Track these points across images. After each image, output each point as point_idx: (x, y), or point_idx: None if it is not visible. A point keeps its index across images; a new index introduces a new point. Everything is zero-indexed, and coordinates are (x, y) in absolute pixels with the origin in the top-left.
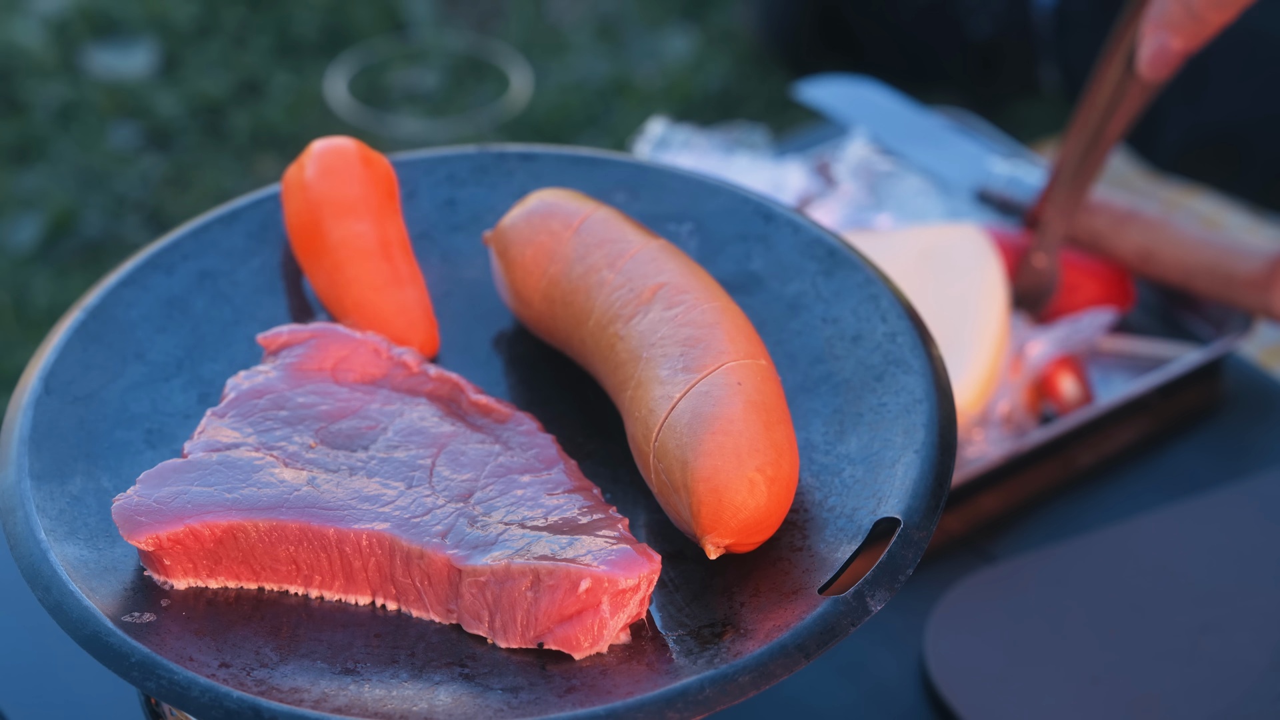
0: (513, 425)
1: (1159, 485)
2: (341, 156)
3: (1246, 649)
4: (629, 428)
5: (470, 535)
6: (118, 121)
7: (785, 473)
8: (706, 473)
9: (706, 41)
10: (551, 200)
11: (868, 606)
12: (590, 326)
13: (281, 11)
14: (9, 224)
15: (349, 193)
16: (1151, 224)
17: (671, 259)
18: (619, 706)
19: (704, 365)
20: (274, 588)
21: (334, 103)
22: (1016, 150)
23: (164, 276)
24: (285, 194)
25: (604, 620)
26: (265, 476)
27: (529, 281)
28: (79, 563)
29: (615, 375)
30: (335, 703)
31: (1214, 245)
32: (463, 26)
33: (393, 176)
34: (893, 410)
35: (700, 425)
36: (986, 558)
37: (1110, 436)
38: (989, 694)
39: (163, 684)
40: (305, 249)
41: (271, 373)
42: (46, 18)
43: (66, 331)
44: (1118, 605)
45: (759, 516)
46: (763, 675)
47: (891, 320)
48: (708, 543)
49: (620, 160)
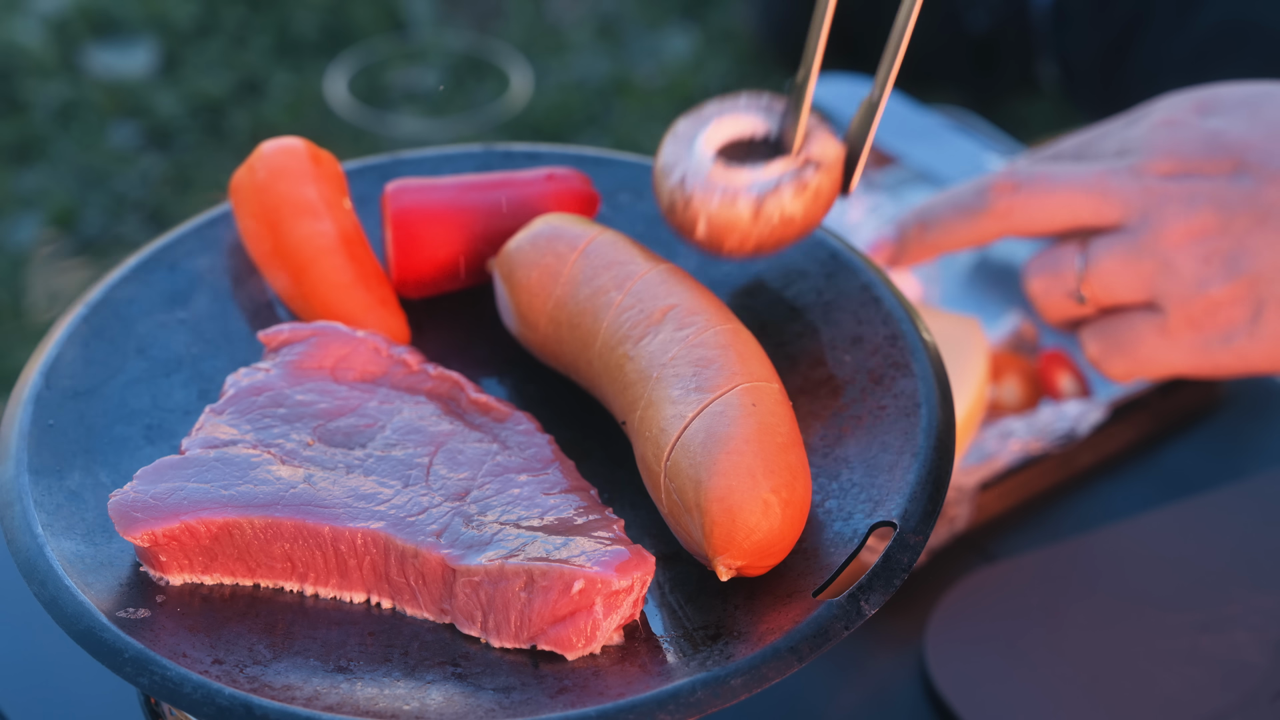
0: (511, 424)
1: (1158, 485)
2: (293, 156)
3: (1246, 648)
4: (638, 448)
5: (465, 535)
6: (118, 121)
7: (799, 495)
8: (720, 492)
9: (706, 41)
10: (557, 224)
11: (862, 610)
12: (598, 348)
13: (281, 11)
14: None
15: (305, 192)
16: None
17: (681, 282)
18: (611, 708)
19: (717, 385)
20: (269, 585)
21: (334, 102)
22: (1015, 148)
23: (167, 273)
24: (236, 197)
25: (597, 621)
26: (262, 474)
27: (535, 304)
28: (75, 558)
29: (624, 396)
30: (327, 700)
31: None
32: (463, 26)
33: (341, 174)
34: (891, 414)
35: (714, 445)
36: (987, 557)
37: (1109, 435)
38: (989, 694)
39: (155, 680)
40: (265, 251)
41: (271, 370)
42: (46, 17)
43: (68, 327)
44: (1118, 605)
45: (772, 539)
46: (755, 678)
47: (892, 323)
48: (719, 564)
49: (624, 160)
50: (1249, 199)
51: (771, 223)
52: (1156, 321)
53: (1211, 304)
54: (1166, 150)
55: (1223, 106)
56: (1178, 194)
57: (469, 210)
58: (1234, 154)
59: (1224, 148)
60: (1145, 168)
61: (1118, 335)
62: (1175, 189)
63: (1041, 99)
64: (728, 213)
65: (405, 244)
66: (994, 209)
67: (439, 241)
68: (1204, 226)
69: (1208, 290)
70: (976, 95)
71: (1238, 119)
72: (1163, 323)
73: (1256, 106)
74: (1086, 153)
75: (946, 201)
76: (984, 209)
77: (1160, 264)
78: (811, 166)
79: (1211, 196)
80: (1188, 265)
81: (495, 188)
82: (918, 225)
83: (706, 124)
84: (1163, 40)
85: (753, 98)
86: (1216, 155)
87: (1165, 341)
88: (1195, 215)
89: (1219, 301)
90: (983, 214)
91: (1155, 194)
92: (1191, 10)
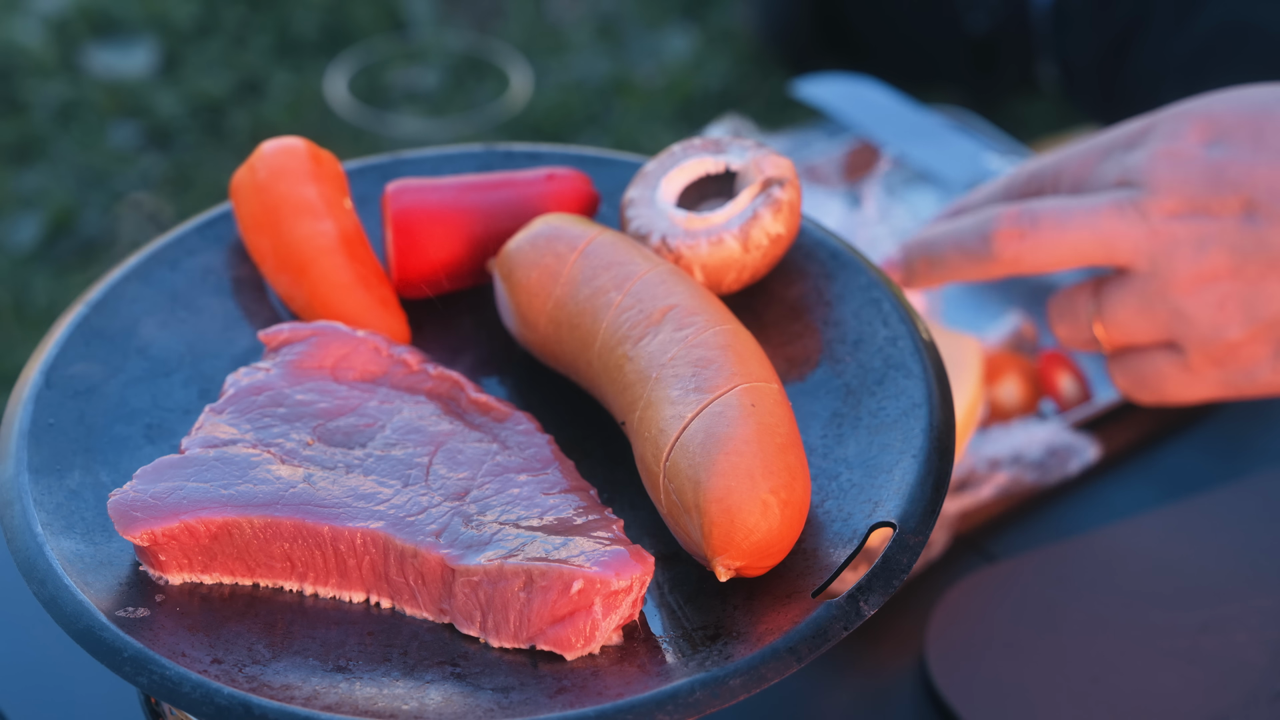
0: (511, 424)
1: (1158, 484)
2: (293, 156)
3: (1246, 649)
4: (637, 449)
5: (464, 535)
6: (118, 121)
7: (798, 496)
8: (719, 493)
9: (706, 41)
10: (556, 224)
11: (861, 610)
12: (597, 348)
13: (281, 11)
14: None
15: (305, 192)
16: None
17: (681, 282)
18: (609, 708)
19: (717, 386)
20: (268, 584)
21: (334, 102)
22: (1015, 148)
23: (167, 271)
24: (237, 197)
25: (596, 621)
26: (261, 473)
27: (534, 304)
28: (75, 557)
29: (623, 396)
30: (325, 700)
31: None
32: (463, 26)
33: (342, 174)
34: (891, 414)
35: (714, 445)
36: (987, 557)
37: (1108, 435)
38: (989, 694)
39: (154, 679)
40: (265, 251)
41: (271, 370)
42: (46, 17)
43: (69, 326)
44: (1117, 605)
45: (771, 539)
46: (754, 678)
47: (893, 324)
48: (718, 565)
49: (624, 160)
50: (1260, 243)
51: (762, 246)
52: (1179, 361)
53: (1231, 346)
54: (1171, 188)
55: (1226, 131)
56: (1186, 237)
57: (469, 210)
58: (1241, 191)
59: (1230, 184)
60: (1151, 207)
61: (1142, 372)
62: (1183, 231)
63: (1041, 99)
64: (719, 253)
65: (405, 244)
66: (1000, 258)
67: (439, 241)
68: (1215, 271)
69: (1225, 335)
70: (976, 95)
71: (1241, 148)
72: (1185, 362)
73: (1260, 130)
74: (1087, 179)
75: (952, 243)
76: (989, 257)
77: (1173, 312)
78: (776, 184)
79: (1221, 239)
80: (1202, 312)
81: (495, 188)
82: (923, 260)
83: (657, 182)
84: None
85: (685, 144)
86: (1223, 193)
87: (1190, 377)
88: (1205, 260)
89: (1238, 343)
90: (989, 261)
91: (1163, 237)
92: (1191, 12)
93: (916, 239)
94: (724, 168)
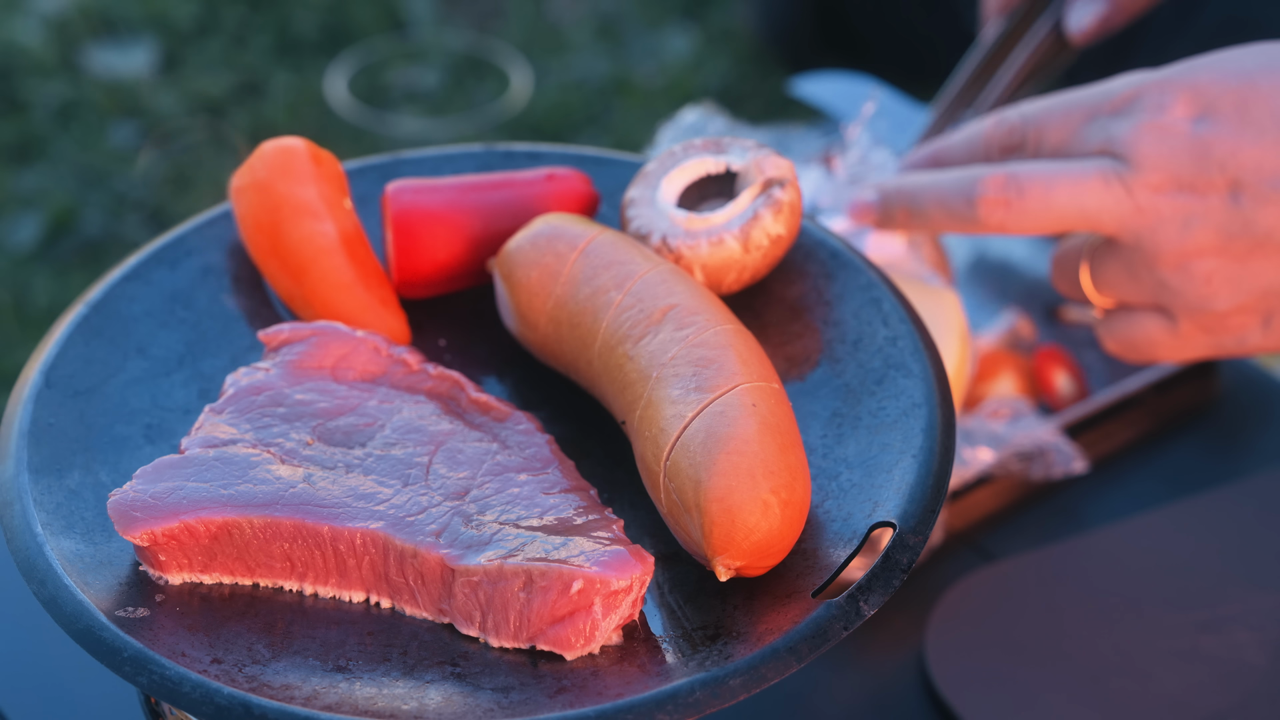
0: (511, 424)
1: (1157, 483)
2: (293, 156)
3: (1246, 649)
4: (637, 448)
5: (464, 535)
6: (118, 121)
7: (799, 496)
8: (720, 492)
9: (706, 40)
10: (557, 224)
11: (861, 610)
12: (598, 348)
13: (281, 11)
14: (9, 223)
15: (305, 192)
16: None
17: (681, 282)
18: (609, 708)
19: (717, 385)
20: (268, 584)
21: (334, 102)
22: None
23: (167, 271)
24: (237, 198)
25: (596, 621)
26: (261, 473)
27: (534, 304)
28: (75, 557)
29: (623, 396)
30: (325, 700)
31: None
32: (463, 26)
33: (342, 174)
34: (891, 414)
35: (714, 444)
36: (986, 556)
37: (1107, 434)
38: (989, 693)
39: (154, 679)
40: (265, 251)
41: (271, 370)
42: (46, 17)
43: (69, 326)
44: (1117, 604)
45: (771, 539)
46: (754, 678)
47: (893, 324)
48: (718, 564)
49: (624, 160)
50: (1245, 224)
51: (763, 247)
52: (1169, 325)
53: (1219, 316)
54: (1156, 164)
55: (1212, 104)
56: (1171, 214)
57: (469, 210)
58: (1227, 170)
59: (1216, 162)
60: (1135, 182)
61: (1132, 336)
62: (1168, 208)
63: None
64: (720, 253)
65: (405, 244)
66: (985, 223)
67: (439, 241)
68: (1200, 248)
69: (1212, 306)
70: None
71: (1227, 123)
72: (1174, 328)
73: (1245, 103)
74: (1069, 141)
75: (935, 199)
76: (973, 219)
77: (1159, 283)
78: (776, 185)
79: (1206, 218)
80: (1188, 286)
81: (495, 188)
82: (904, 210)
83: (658, 182)
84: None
85: (685, 144)
86: (1209, 171)
87: (1179, 342)
88: (1190, 237)
89: (1227, 314)
90: (972, 223)
91: (1148, 214)
92: (1193, 10)
93: (896, 186)
94: (725, 168)
